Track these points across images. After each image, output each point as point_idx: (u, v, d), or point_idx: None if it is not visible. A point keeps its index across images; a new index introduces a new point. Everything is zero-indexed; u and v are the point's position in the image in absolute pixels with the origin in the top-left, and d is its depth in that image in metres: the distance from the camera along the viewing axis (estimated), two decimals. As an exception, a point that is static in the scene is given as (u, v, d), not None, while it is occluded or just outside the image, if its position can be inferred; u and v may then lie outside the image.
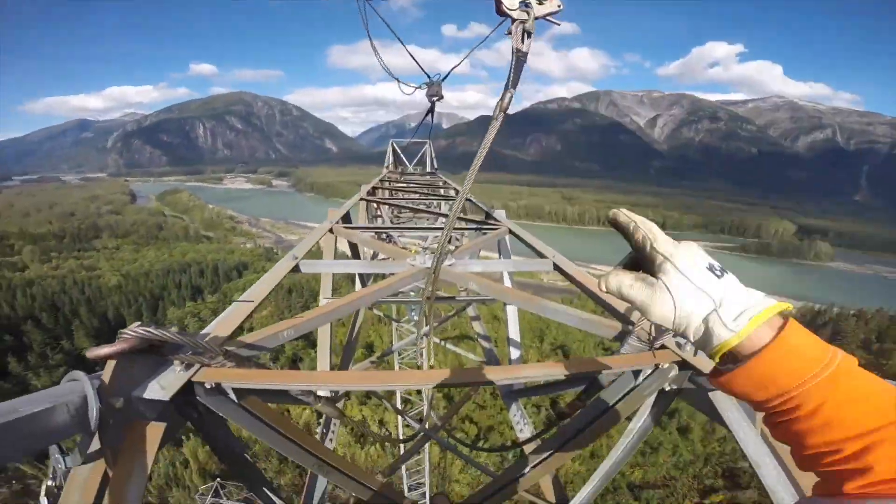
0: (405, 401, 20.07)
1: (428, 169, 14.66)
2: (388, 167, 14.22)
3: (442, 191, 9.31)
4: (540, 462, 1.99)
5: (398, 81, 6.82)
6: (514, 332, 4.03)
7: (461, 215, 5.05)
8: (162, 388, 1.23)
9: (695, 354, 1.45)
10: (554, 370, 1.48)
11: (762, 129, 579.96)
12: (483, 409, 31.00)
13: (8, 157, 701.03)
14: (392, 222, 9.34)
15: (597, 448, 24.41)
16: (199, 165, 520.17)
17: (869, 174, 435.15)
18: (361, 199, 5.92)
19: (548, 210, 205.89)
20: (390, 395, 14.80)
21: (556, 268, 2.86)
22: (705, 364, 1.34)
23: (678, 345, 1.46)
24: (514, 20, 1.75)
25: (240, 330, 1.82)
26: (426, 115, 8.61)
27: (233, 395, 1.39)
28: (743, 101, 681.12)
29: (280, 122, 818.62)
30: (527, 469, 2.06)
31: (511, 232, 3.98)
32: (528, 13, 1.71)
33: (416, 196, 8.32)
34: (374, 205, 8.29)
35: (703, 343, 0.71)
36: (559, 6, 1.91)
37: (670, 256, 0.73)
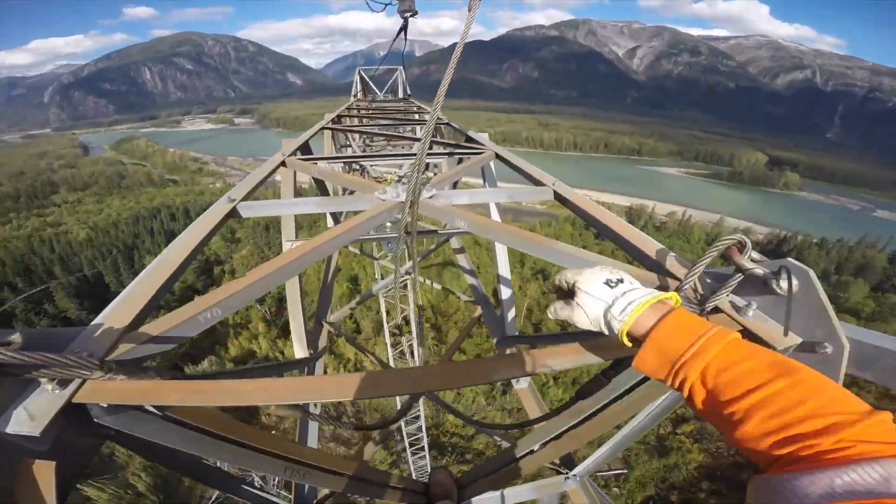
0: (393, 335, 18.46)
1: (400, 95, 13.42)
2: (355, 96, 12.97)
3: (416, 116, 8.41)
4: (551, 440, 1.79)
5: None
6: (504, 269, 3.57)
7: (438, 139, 4.53)
8: (31, 416, 0.88)
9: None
10: (584, 357, 1.14)
11: (742, 65, 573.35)
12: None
13: None
14: (363, 151, 8.63)
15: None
16: (153, 111, 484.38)
17: (843, 115, 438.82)
18: (324, 128, 5.18)
19: (525, 136, 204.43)
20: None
21: (559, 197, 2.33)
22: (769, 331, 1.08)
23: (736, 308, 1.20)
24: None
25: (153, 311, 1.38)
26: (399, 33, 7.99)
27: (152, 407, 1.07)
28: (725, 37, 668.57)
29: (236, 59, 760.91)
30: (536, 447, 1.84)
31: (498, 156, 3.41)
32: None
33: (388, 123, 7.46)
34: (343, 135, 7.39)
35: (610, 336, 0.92)
36: None
37: (576, 282, 0.98)
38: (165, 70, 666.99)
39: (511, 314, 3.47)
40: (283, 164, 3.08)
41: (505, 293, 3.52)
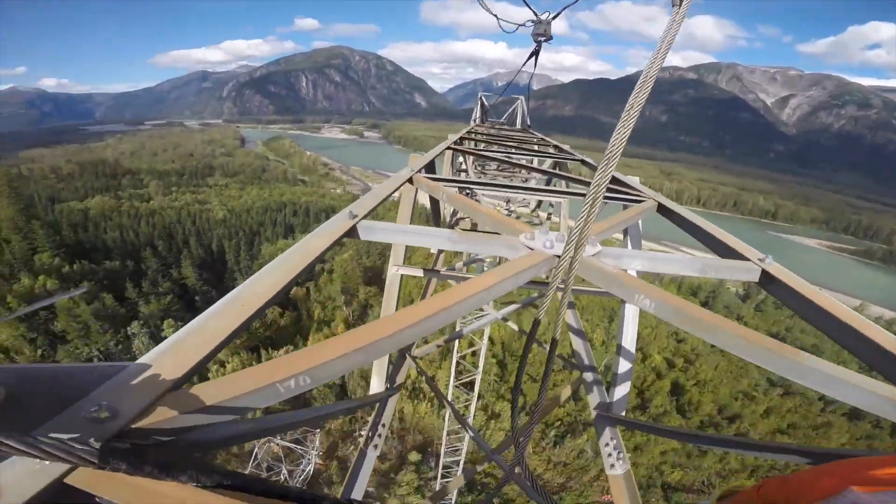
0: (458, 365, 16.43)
1: (519, 126, 12.76)
2: (475, 121, 13.19)
3: (536, 147, 7.66)
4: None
5: (497, 18, 6.50)
6: (630, 337, 2.82)
7: (579, 177, 3.87)
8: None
9: None
10: None
11: None
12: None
13: (143, 105, 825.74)
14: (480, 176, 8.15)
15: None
16: (302, 115, 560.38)
17: None
18: (448, 148, 4.94)
19: (641, 182, 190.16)
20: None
21: (767, 278, 1.81)
22: None
23: None
24: None
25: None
26: (529, 57, 8.01)
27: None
28: None
29: (375, 76, 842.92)
30: None
31: (661, 208, 2.74)
32: None
33: (508, 151, 6.55)
34: (461, 158, 7.00)
35: None
36: None
37: None
38: (318, 80, 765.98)
39: (624, 390, 2.88)
40: (409, 180, 2.92)
41: (622, 365, 2.86)
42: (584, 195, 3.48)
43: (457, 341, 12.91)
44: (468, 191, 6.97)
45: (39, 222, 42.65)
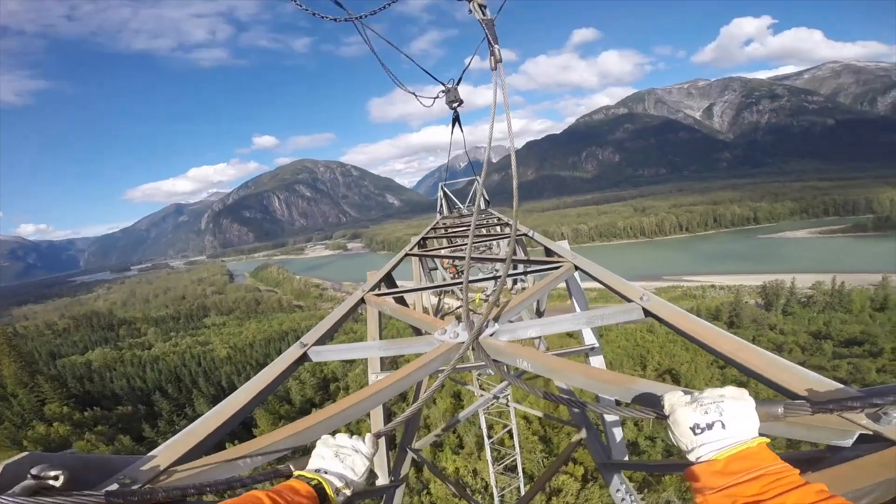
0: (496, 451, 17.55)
1: (481, 207, 13.99)
2: (440, 213, 14.31)
3: (498, 229, 8.87)
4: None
5: (415, 95, 6.82)
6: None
7: (515, 257, 4.53)
8: None
9: None
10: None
11: (830, 97, 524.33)
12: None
13: (125, 247, 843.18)
14: (449, 273, 9.11)
15: None
16: (282, 238, 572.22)
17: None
18: (407, 254, 5.57)
19: (621, 226, 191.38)
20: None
21: (649, 314, 2.19)
22: None
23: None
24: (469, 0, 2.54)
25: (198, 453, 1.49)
26: (452, 125, 8.56)
27: None
28: (796, 73, 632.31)
29: (343, 184, 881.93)
30: None
31: (578, 268, 3.28)
32: None
33: (469, 241, 7.83)
34: (428, 257, 7.73)
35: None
36: None
37: (668, 415, 1.08)
38: (290, 197, 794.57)
39: (618, 435, 3.08)
40: (362, 300, 3.35)
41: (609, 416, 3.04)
42: (524, 274, 4.32)
43: (486, 428, 13.69)
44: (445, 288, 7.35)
45: (44, 377, 44.96)
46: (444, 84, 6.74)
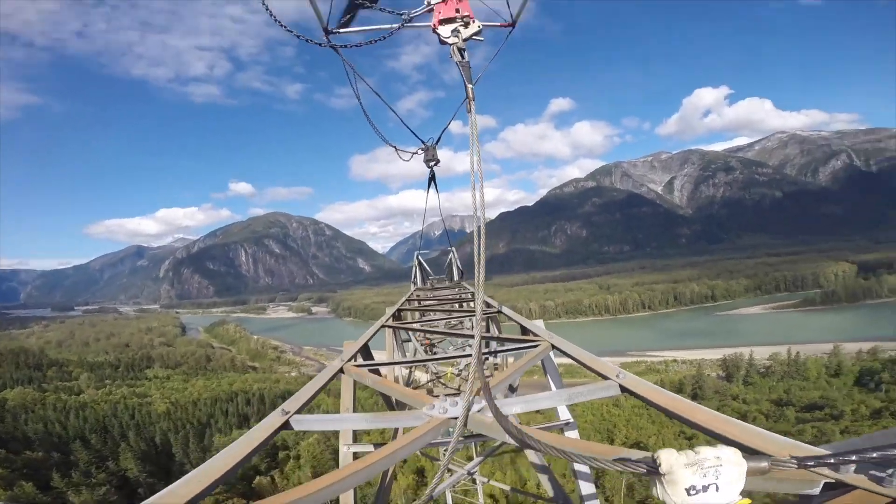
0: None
1: (455, 278, 14.45)
2: (414, 283, 14.28)
3: (468, 305, 9.15)
4: None
5: (395, 149, 7.02)
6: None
7: (490, 335, 4.70)
8: None
9: None
10: None
11: (777, 169, 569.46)
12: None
13: (74, 286, 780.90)
14: (423, 347, 9.15)
15: None
16: (244, 295, 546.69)
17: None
18: (384, 326, 5.63)
19: (587, 303, 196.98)
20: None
21: (626, 390, 2.35)
22: None
23: (876, 478, 1.15)
24: (451, 44, 3.15)
25: None
26: (429, 184, 9.02)
27: None
28: (748, 144, 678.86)
29: (315, 244, 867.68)
30: None
31: (554, 347, 3.42)
32: (458, 37, 3.22)
33: (444, 315, 8.10)
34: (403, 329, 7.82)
35: None
36: (479, 27, 3.39)
37: (664, 474, 1.10)
38: (258, 252, 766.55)
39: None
40: (341, 370, 3.31)
41: (584, 486, 3.10)
42: (503, 352, 4.53)
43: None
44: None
45: None
46: (423, 142, 7.44)
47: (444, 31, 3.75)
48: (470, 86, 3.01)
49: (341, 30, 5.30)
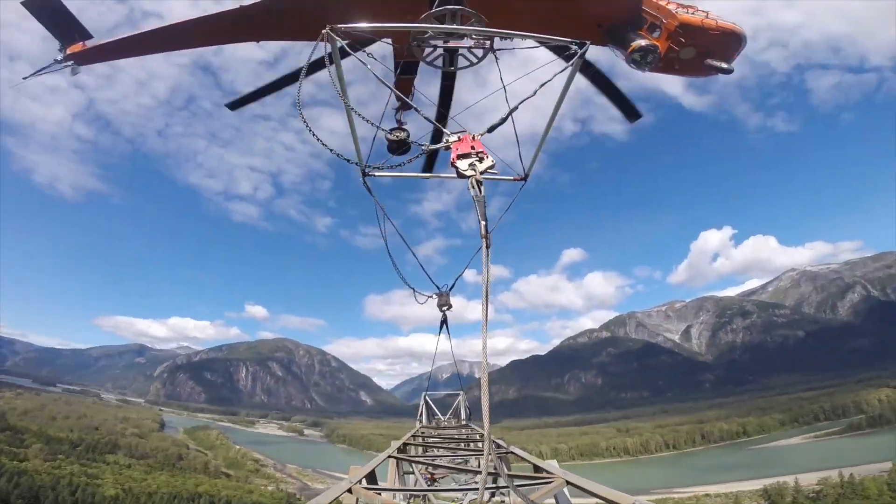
0: None
1: (463, 420, 14.50)
2: (420, 420, 14.40)
3: (479, 444, 8.81)
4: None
5: (414, 290, 8.17)
6: None
7: (502, 472, 4.53)
8: None
9: None
10: None
11: (795, 309, 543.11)
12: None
13: (64, 366, 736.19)
14: (426, 480, 8.88)
15: None
16: (236, 407, 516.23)
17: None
18: (391, 457, 5.57)
19: (604, 446, 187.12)
20: None
21: None
22: None
23: None
24: (468, 177, 4.05)
25: None
26: (441, 328, 9.66)
27: None
28: (762, 286, 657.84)
29: (319, 373, 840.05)
30: None
31: (570, 483, 3.24)
32: (475, 170, 4.14)
33: (450, 453, 7.97)
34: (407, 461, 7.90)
35: None
36: (493, 162, 4.49)
37: None
38: (259, 371, 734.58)
39: None
40: (349, 490, 3.28)
41: None
42: (513, 488, 3.84)
43: None
44: (421, 495, 7.96)
45: None
46: (438, 288, 8.37)
47: (462, 164, 4.35)
48: (483, 222, 3.41)
49: (376, 172, 7.20)
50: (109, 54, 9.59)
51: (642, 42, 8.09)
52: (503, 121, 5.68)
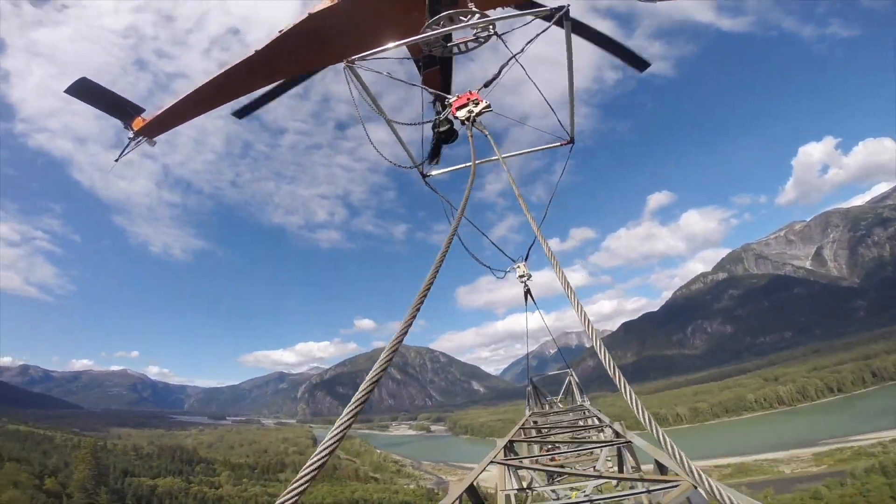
0: None
1: (577, 401, 13.28)
2: (529, 406, 13.43)
3: (595, 431, 8.18)
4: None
5: (489, 268, 8.48)
6: None
7: (614, 475, 4.83)
8: None
9: None
10: None
11: None
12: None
13: (226, 401, 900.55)
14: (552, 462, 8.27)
15: None
16: (370, 414, 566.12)
17: None
18: (493, 462, 5.18)
19: (752, 398, 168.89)
20: None
21: None
22: None
23: None
24: (463, 121, 5.51)
25: None
26: (525, 299, 9.79)
27: None
28: (893, 188, 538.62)
29: (431, 370, 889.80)
30: None
31: (696, 487, 2.85)
32: (470, 113, 5.44)
33: (563, 445, 7.34)
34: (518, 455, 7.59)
35: None
36: (487, 104, 5.69)
37: None
38: (382, 378, 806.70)
39: None
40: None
41: None
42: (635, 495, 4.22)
43: None
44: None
45: (106, 489, 45.90)
46: (513, 260, 8.58)
47: (461, 112, 5.29)
48: (475, 162, 4.96)
49: (433, 172, 7.89)
50: (169, 123, 10.08)
51: None
52: (497, 76, 6.50)
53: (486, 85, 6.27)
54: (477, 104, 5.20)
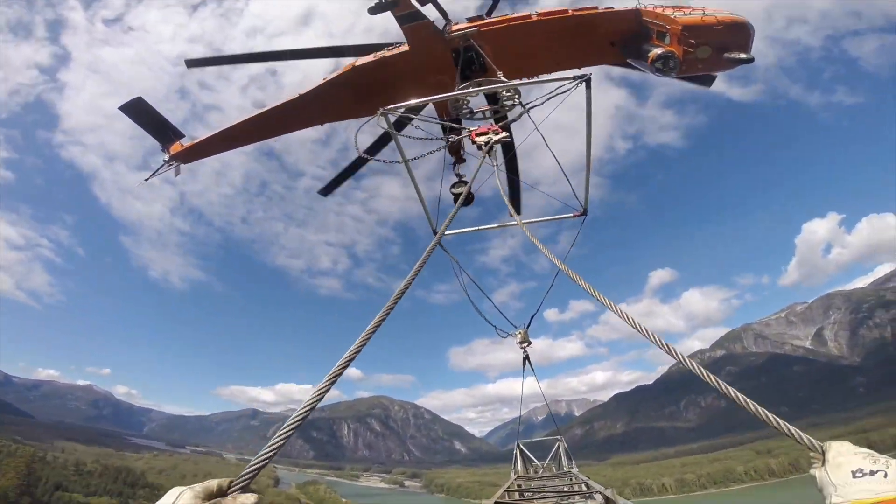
0: None
1: (564, 468, 13.17)
2: (515, 471, 13.30)
3: (579, 499, 8.34)
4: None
5: (495, 327, 8.85)
6: None
7: None
8: None
9: None
10: None
11: None
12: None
13: (190, 430, 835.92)
14: None
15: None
16: (341, 462, 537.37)
17: None
18: None
19: (742, 470, 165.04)
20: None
21: None
22: None
23: None
24: (481, 143, 6.35)
25: None
26: (524, 365, 9.95)
27: None
28: (893, 272, 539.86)
29: (413, 426, 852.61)
30: None
31: None
32: (490, 139, 6.32)
33: None
34: None
35: None
36: (507, 135, 6.82)
37: (826, 455, 1.24)
38: (360, 428, 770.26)
39: None
40: None
41: None
42: None
43: None
44: None
45: (30, 499, 41.02)
46: (515, 326, 8.96)
47: (480, 139, 5.86)
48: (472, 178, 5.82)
49: (448, 232, 7.96)
50: (204, 152, 10.57)
51: (658, 50, 8.42)
52: (513, 120, 7.14)
53: (498, 121, 6.87)
54: (497, 133, 5.81)
